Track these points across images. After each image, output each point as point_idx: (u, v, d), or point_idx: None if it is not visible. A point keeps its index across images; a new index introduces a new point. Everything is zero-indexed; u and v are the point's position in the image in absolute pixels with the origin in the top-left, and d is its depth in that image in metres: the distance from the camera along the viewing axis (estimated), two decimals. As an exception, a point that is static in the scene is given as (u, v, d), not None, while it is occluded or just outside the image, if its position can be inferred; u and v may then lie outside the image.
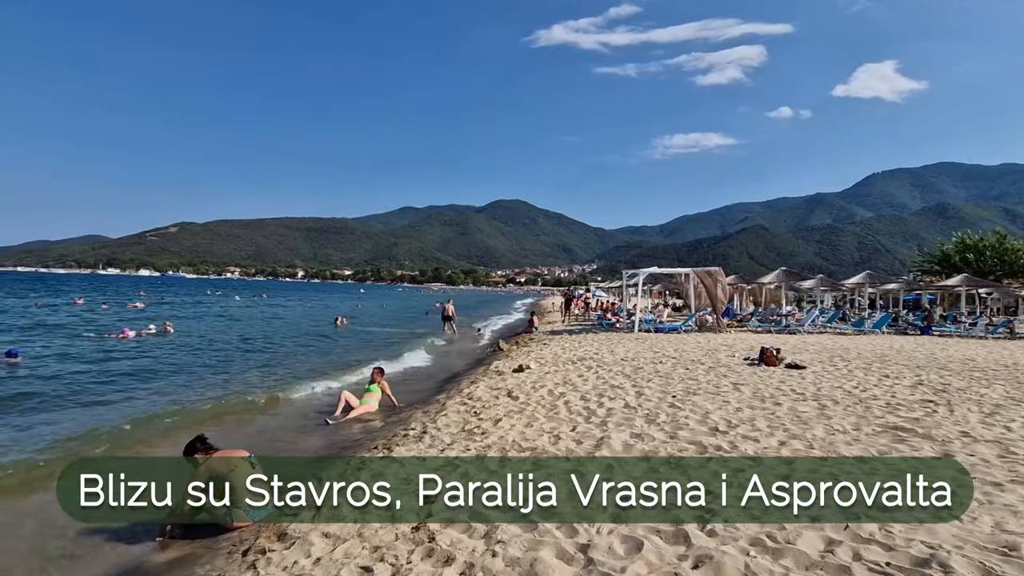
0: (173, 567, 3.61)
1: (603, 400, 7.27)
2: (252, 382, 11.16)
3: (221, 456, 4.18)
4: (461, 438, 5.75)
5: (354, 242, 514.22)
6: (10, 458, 5.93)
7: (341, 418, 8.00)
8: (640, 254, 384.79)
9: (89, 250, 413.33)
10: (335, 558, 3.21)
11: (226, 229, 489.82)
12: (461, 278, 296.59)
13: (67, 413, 8.03)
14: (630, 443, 5.17)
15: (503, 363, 11.88)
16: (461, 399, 8.03)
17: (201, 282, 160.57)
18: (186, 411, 8.45)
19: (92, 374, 11.30)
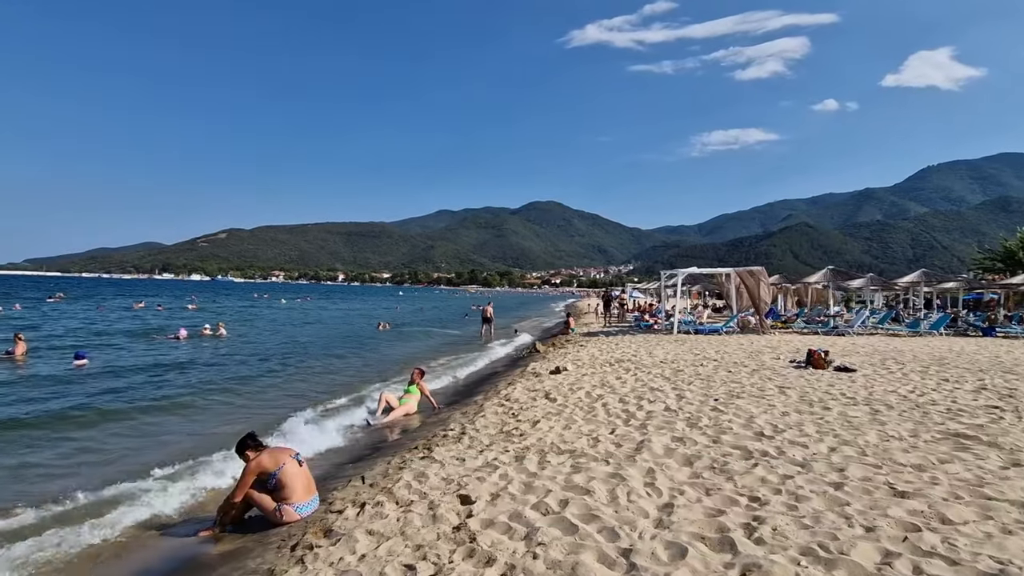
0: (227, 559, 3.76)
1: (642, 403, 7.15)
2: (297, 381, 11.54)
3: (270, 453, 4.33)
4: (500, 439, 5.77)
5: (392, 245, 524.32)
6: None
7: (382, 418, 8.16)
8: (678, 254, 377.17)
9: (146, 256, 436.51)
10: (379, 555, 3.27)
11: (271, 235, 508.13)
12: (496, 280, 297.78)
13: (129, 413, 8.48)
14: (671, 447, 5.07)
15: (540, 365, 11.86)
16: (499, 400, 8.06)
17: (248, 286, 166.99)
18: (233, 409, 8.82)
19: (151, 374, 11.92)
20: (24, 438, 6.85)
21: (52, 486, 5.22)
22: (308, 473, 4.42)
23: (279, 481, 4.19)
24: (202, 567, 3.69)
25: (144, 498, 4.98)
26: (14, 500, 4.86)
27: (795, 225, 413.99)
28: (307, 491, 4.33)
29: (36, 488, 5.22)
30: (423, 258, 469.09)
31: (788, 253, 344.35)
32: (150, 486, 5.25)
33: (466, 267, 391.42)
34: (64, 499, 4.84)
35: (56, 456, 6.24)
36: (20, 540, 4.08)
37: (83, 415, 8.06)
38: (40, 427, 7.39)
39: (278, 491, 4.19)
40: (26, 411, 8.20)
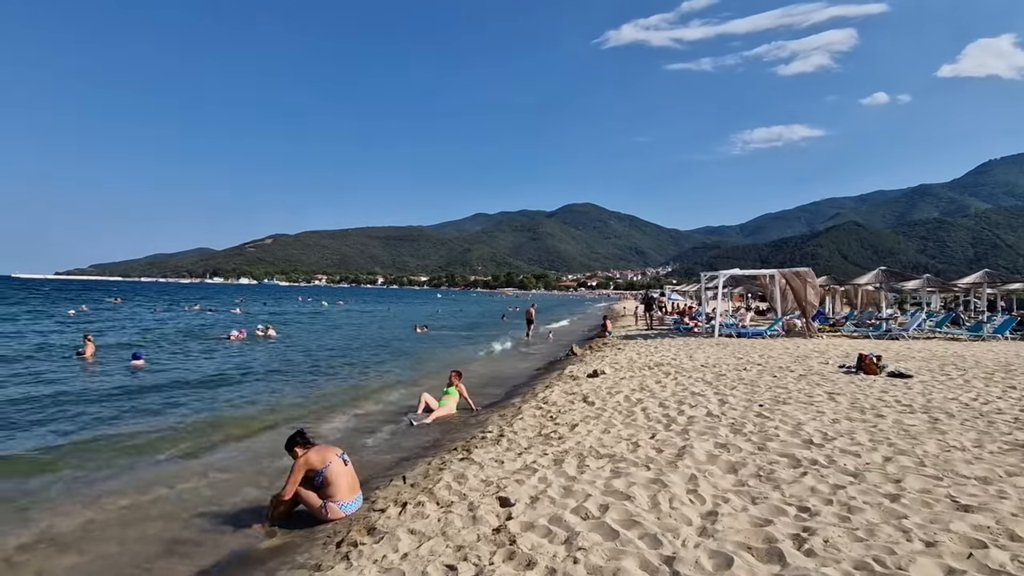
0: (276, 553, 3.90)
1: (683, 408, 7.01)
2: (341, 383, 11.85)
3: (317, 451, 4.47)
4: (538, 442, 5.76)
5: (429, 249, 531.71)
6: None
7: (422, 419, 8.27)
8: (718, 255, 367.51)
9: (198, 261, 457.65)
10: (421, 555, 3.32)
11: (314, 239, 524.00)
12: (532, 283, 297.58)
13: (181, 411, 8.90)
14: (715, 453, 4.95)
15: (577, 368, 11.79)
16: (536, 403, 8.05)
17: (292, 289, 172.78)
18: (283, 408, 9.13)
19: (208, 373, 12.49)
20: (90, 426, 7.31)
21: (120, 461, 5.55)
22: (352, 472, 4.54)
23: (325, 479, 4.32)
24: (253, 560, 3.83)
25: (200, 489, 5.24)
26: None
27: (843, 224, 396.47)
28: (351, 490, 4.44)
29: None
30: (460, 261, 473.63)
31: (836, 253, 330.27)
32: (203, 477, 5.53)
33: (502, 270, 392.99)
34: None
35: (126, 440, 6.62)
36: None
37: (151, 407, 8.57)
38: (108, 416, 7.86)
39: (324, 488, 4.32)
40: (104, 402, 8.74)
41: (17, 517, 4.59)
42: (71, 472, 5.75)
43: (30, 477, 5.58)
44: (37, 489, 5.26)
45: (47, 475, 5.64)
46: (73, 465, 5.96)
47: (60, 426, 7.57)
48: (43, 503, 4.91)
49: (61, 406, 8.77)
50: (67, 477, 5.61)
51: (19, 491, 5.20)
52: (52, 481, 5.48)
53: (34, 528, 4.41)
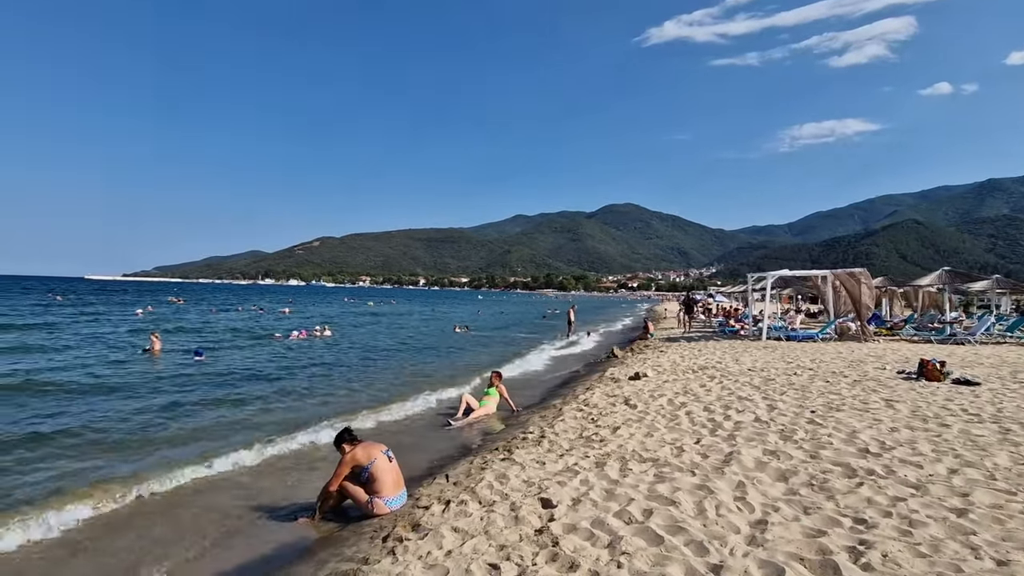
0: (325, 545, 4.04)
1: (729, 412, 6.82)
2: (386, 381, 12.14)
3: (364, 447, 4.61)
4: (579, 444, 5.73)
5: (470, 250, 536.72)
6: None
7: (462, 419, 8.37)
8: (765, 255, 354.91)
9: (251, 263, 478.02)
10: (464, 552, 3.37)
11: (359, 242, 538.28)
12: (572, 284, 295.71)
13: (237, 407, 9.33)
14: (763, 460, 4.79)
15: (618, 370, 11.65)
16: (577, 405, 8.01)
17: (338, 290, 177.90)
18: (334, 404, 9.43)
19: (268, 370, 13.08)
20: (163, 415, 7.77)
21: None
22: (397, 469, 4.65)
23: (371, 475, 4.44)
24: (304, 551, 3.99)
25: (256, 480, 5.49)
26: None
27: (901, 222, 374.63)
28: (396, 486, 4.55)
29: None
30: (500, 262, 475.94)
31: (893, 253, 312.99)
32: (259, 468, 5.79)
33: (542, 271, 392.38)
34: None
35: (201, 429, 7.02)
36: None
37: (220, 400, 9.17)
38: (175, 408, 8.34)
39: (370, 484, 4.44)
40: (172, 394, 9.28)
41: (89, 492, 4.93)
42: (137, 456, 6.13)
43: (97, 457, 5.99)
44: (104, 466, 5.63)
45: (114, 456, 6.04)
46: (137, 451, 6.36)
47: (123, 417, 8.07)
48: (105, 482, 5.25)
49: (130, 398, 9.37)
50: (132, 461, 5.99)
51: (97, 471, 5.58)
52: (119, 462, 5.86)
53: (91, 507, 4.73)
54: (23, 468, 5.79)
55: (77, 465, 5.92)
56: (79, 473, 5.67)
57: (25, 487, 5.24)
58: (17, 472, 5.67)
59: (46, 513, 4.52)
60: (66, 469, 5.78)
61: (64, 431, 7.22)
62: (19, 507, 4.69)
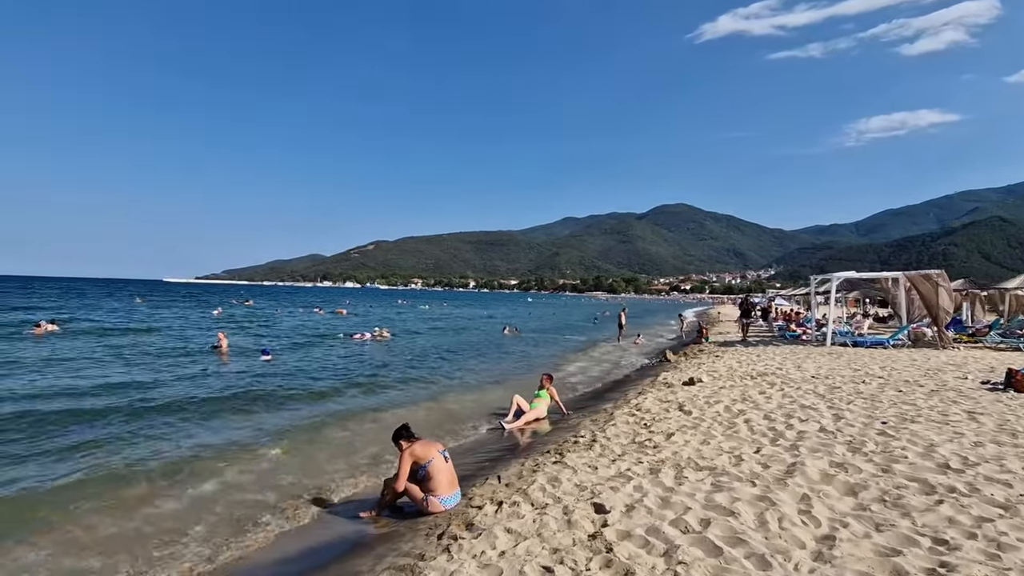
0: (383, 540, 4.18)
1: (791, 421, 6.53)
2: (439, 382, 12.40)
3: (422, 444, 4.72)
4: (632, 450, 5.64)
5: (519, 253, 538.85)
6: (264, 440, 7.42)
7: (513, 421, 8.41)
8: (829, 256, 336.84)
9: (311, 266, 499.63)
10: (518, 554, 3.39)
11: (411, 245, 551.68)
12: (622, 286, 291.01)
13: (298, 404, 9.77)
14: (830, 472, 4.55)
15: (671, 375, 11.37)
16: (629, 410, 7.88)
17: (392, 292, 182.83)
18: (388, 403, 9.73)
19: (331, 369, 13.71)
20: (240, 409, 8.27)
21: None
22: (452, 469, 4.73)
23: (427, 473, 4.54)
24: (363, 545, 4.14)
25: (318, 473, 5.74)
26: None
27: (984, 220, 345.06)
28: (451, 485, 4.63)
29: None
30: (548, 265, 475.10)
31: (975, 253, 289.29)
32: (320, 463, 6.05)
33: (591, 273, 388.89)
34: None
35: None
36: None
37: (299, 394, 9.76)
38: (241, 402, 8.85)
39: (425, 482, 4.55)
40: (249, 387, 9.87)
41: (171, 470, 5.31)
42: (200, 444, 6.55)
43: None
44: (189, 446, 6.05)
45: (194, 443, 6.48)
46: (209, 441, 6.78)
47: (201, 409, 8.63)
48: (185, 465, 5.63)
49: (202, 390, 10.02)
50: (198, 448, 6.40)
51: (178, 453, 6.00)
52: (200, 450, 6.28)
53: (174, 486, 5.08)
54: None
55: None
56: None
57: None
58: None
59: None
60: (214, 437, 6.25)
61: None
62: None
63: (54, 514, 4.68)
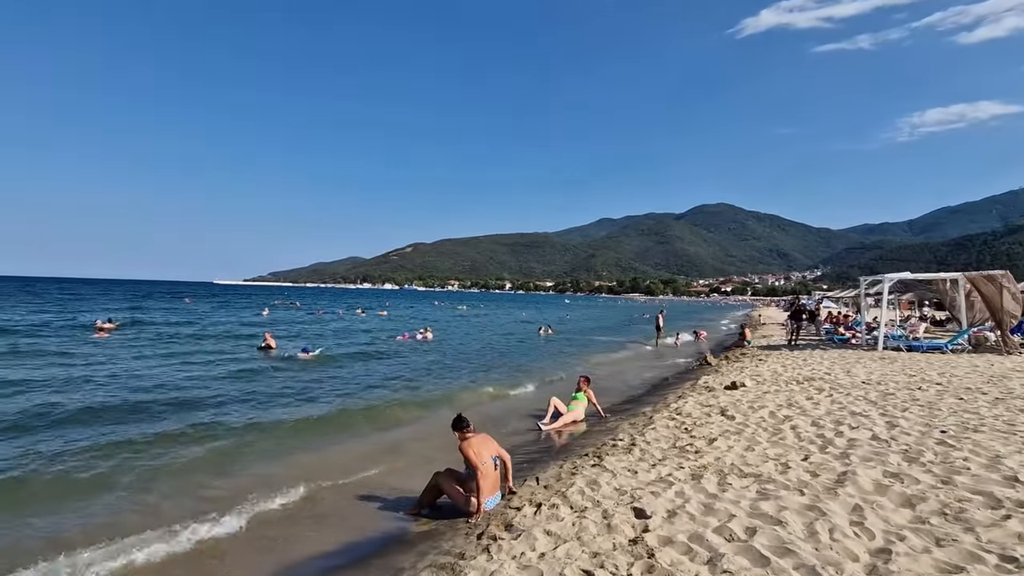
0: (425, 539, 4.25)
1: (842, 428, 6.26)
2: (478, 382, 12.51)
3: (481, 442, 4.74)
4: (673, 455, 5.54)
5: (554, 255, 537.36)
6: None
7: (550, 423, 8.39)
8: (880, 256, 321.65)
9: (351, 269, 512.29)
10: (558, 556, 3.38)
11: (448, 247, 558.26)
12: (660, 288, 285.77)
13: (345, 399, 10.03)
14: (884, 483, 4.35)
15: (712, 379, 11.10)
16: (669, 414, 7.74)
17: (429, 294, 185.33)
18: (427, 402, 9.88)
19: (379, 369, 14.06)
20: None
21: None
22: (498, 474, 4.75)
23: (482, 469, 4.55)
24: (405, 542, 4.22)
25: (361, 470, 5.90)
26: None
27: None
28: (493, 489, 4.65)
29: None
30: (584, 266, 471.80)
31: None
32: (362, 459, 6.21)
33: (627, 275, 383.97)
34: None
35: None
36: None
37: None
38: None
39: (470, 482, 4.57)
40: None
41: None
42: (252, 439, 6.81)
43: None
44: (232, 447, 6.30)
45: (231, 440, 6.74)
46: (253, 437, 7.05)
47: (245, 405, 8.97)
48: (224, 465, 5.87)
49: (249, 385, 10.43)
50: (249, 442, 6.65)
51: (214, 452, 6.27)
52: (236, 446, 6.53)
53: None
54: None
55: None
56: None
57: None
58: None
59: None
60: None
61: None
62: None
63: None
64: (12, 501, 4.98)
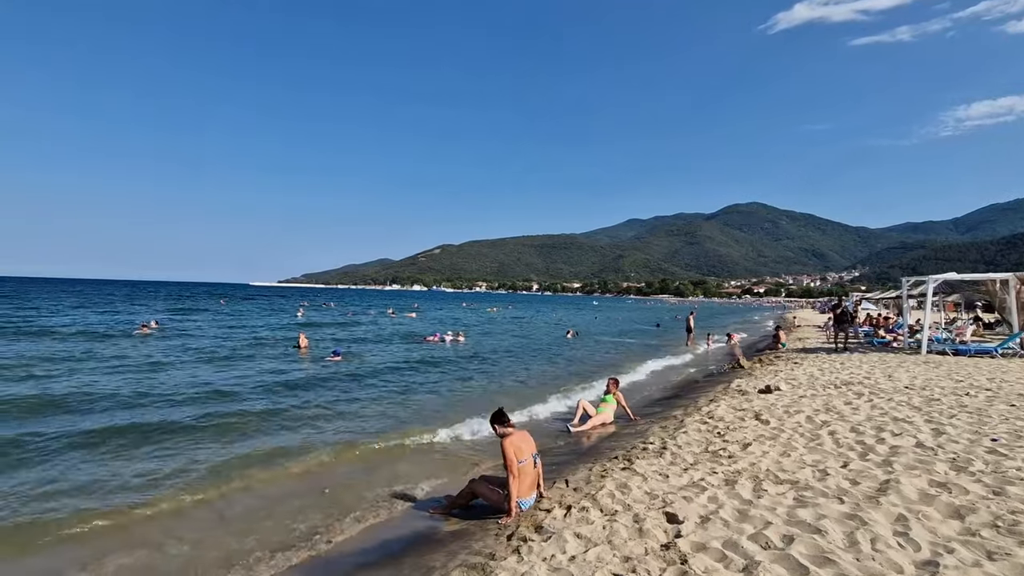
0: (455, 538, 4.27)
1: (883, 435, 6.04)
2: (508, 384, 12.54)
3: (520, 438, 4.71)
4: (705, 459, 5.44)
5: (582, 256, 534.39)
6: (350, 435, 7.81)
7: (579, 425, 8.34)
8: (922, 257, 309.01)
9: (380, 270, 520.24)
10: (588, 559, 3.36)
11: (476, 249, 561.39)
12: (690, 289, 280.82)
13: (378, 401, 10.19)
14: (930, 493, 4.17)
15: (745, 382, 10.85)
16: (701, 417, 7.60)
17: (457, 295, 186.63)
18: (456, 403, 9.96)
19: (409, 367, 14.29)
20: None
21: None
22: (538, 473, 4.73)
23: (515, 472, 4.54)
24: (436, 541, 4.26)
25: (392, 468, 5.98)
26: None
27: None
28: (531, 488, 4.64)
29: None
30: (612, 268, 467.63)
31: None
32: (393, 458, 6.30)
33: (656, 276, 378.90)
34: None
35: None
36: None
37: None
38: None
39: (507, 482, 4.56)
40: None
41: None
42: (288, 436, 6.97)
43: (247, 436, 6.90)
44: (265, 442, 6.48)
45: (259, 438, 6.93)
46: (291, 431, 7.22)
47: (276, 399, 9.20)
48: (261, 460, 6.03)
49: (281, 382, 10.72)
50: (282, 440, 6.82)
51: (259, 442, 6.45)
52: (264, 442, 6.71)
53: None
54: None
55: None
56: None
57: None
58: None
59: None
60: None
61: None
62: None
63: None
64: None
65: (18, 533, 4.41)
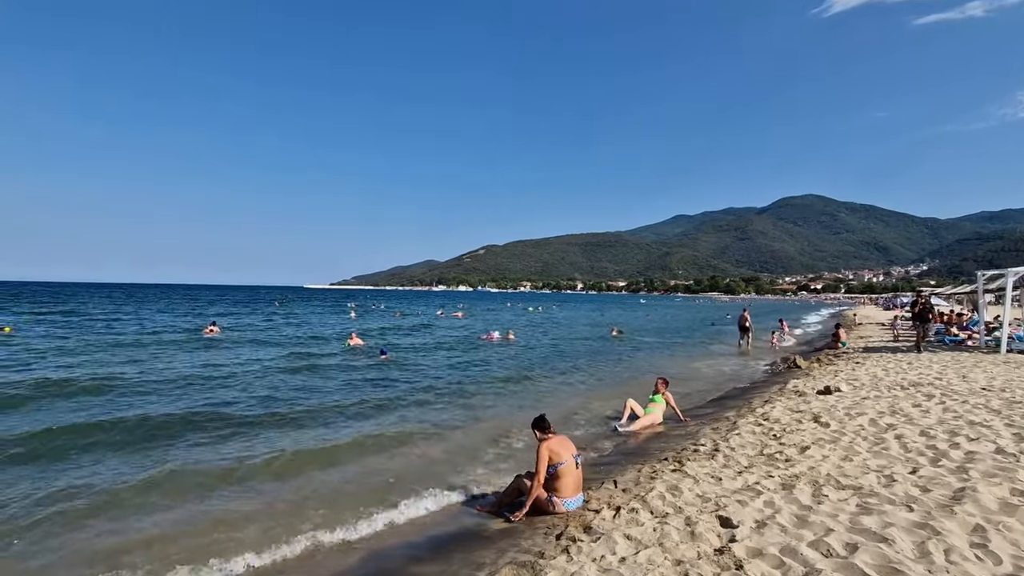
0: (504, 536, 4.31)
1: (957, 440, 5.65)
2: (554, 383, 12.55)
3: (560, 442, 4.75)
4: (760, 462, 5.26)
5: (627, 254, 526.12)
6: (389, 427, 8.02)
7: (627, 425, 8.22)
8: (1000, 248, 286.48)
9: (427, 272, 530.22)
10: (639, 562, 3.32)
11: (520, 249, 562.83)
12: (741, 286, 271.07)
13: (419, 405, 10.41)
14: (1012, 502, 3.88)
15: (802, 382, 10.40)
16: (755, 419, 7.35)
17: (502, 295, 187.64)
18: (504, 404, 10.04)
19: (465, 365, 14.54)
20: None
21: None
22: (581, 474, 4.72)
23: (557, 473, 4.57)
24: (485, 538, 4.31)
25: (445, 465, 6.11)
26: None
27: None
28: (576, 489, 4.63)
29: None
30: (658, 265, 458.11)
31: None
32: (446, 455, 6.43)
33: (705, 273, 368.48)
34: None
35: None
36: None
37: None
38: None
39: (552, 482, 4.58)
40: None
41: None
42: (344, 424, 7.23)
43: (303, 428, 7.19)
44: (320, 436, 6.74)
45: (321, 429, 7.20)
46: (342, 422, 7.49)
47: (333, 394, 9.55)
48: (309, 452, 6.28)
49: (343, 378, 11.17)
50: (340, 429, 7.07)
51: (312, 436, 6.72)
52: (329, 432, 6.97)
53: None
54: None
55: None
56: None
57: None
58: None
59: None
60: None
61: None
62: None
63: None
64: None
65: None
